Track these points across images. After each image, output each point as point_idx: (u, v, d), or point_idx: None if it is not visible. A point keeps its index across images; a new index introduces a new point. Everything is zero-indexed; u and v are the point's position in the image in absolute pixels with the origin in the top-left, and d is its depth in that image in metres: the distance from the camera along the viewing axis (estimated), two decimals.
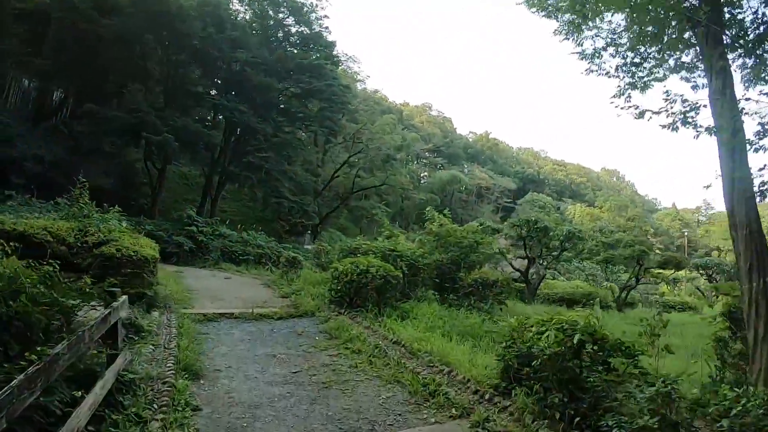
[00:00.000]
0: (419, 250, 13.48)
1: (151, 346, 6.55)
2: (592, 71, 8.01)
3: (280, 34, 33.48)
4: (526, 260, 20.71)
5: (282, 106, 31.08)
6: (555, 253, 21.84)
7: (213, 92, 29.60)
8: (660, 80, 7.79)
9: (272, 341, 8.09)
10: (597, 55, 7.92)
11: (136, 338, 6.78)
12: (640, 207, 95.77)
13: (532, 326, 5.49)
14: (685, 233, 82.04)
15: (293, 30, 33.18)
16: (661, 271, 26.30)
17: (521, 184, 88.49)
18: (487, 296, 13.46)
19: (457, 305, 11.60)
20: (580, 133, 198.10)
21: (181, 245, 19.15)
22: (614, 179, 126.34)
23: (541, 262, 21.90)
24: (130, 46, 25.47)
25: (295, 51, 32.71)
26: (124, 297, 5.15)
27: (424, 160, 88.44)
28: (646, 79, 7.79)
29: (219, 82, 28.94)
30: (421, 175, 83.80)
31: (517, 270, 20.50)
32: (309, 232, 32.53)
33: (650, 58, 7.66)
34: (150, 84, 28.70)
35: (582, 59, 8.01)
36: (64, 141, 25.10)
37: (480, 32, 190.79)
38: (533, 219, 21.79)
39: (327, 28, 34.18)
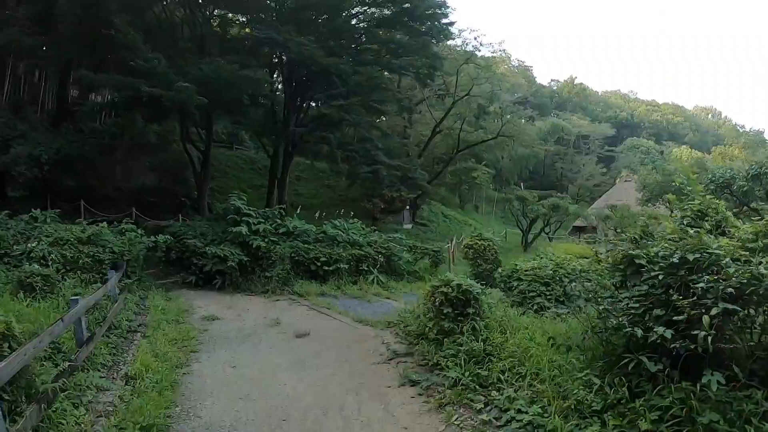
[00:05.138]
0: None
1: None
2: None
3: None
4: None
5: (357, 45, 22.52)
6: None
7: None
8: None
9: None
10: None
11: None
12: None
13: None
14: None
15: None
16: None
17: (615, 130, 79.67)
18: None
19: None
20: (669, 70, 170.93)
21: (224, 260, 11.69)
22: (710, 116, 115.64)
23: None
24: None
25: None
26: None
27: (508, 115, 79.47)
28: None
29: (264, 17, 20.12)
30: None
31: None
32: (407, 208, 24.00)
33: None
34: (181, 45, 22.02)
35: None
36: (85, 138, 19.77)
37: None
38: None
39: None
